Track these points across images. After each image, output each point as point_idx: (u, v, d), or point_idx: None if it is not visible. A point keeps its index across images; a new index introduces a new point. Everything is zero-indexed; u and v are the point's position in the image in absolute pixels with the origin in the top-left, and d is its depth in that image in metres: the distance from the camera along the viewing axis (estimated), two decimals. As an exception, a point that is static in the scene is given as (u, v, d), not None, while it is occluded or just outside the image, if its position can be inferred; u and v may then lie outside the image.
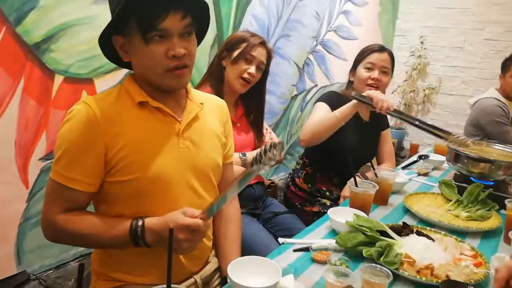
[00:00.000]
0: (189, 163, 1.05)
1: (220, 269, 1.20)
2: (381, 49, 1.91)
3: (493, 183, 1.63)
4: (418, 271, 1.02)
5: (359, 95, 1.66)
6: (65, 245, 1.53)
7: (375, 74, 1.88)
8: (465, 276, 0.99)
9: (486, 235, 1.34)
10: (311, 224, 1.37)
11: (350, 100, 1.93)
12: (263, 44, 1.68)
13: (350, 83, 2.01)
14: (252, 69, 1.63)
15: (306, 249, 1.15)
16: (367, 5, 3.70)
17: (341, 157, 1.76)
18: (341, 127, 1.73)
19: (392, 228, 1.22)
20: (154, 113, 1.02)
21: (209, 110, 1.16)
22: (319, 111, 1.86)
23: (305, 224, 1.72)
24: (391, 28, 4.29)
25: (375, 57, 1.89)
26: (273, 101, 2.85)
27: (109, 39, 0.99)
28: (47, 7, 1.50)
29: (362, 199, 1.39)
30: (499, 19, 3.77)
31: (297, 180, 2.07)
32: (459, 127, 3.89)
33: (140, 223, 0.95)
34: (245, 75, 1.63)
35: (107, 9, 0.99)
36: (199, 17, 1.00)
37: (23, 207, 1.58)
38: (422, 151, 2.46)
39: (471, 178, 1.69)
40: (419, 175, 1.99)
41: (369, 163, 1.75)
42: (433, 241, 1.18)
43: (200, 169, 1.07)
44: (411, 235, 1.20)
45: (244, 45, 1.63)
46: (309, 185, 2.02)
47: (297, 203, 2.02)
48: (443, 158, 2.13)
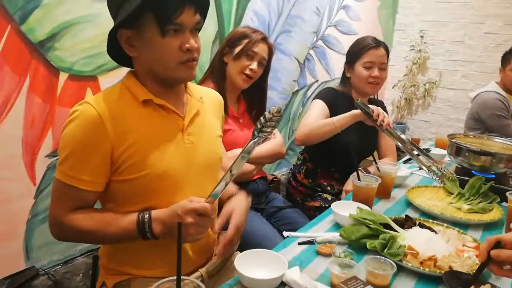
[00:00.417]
0: (194, 158, 1.07)
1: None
2: (377, 45, 1.90)
3: (494, 176, 1.65)
4: (421, 263, 1.04)
5: (364, 104, 1.65)
6: (73, 241, 1.56)
7: (375, 72, 1.88)
8: (468, 267, 1.01)
9: (487, 227, 1.36)
10: (314, 218, 1.39)
11: (347, 96, 1.95)
12: (265, 40, 1.68)
13: (347, 79, 1.99)
14: (254, 65, 1.64)
15: (310, 242, 1.17)
16: (367, -1, 3.71)
17: (342, 152, 1.78)
18: None
19: (395, 221, 1.23)
20: (157, 111, 1.03)
21: (208, 104, 1.18)
22: (315, 108, 1.87)
23: (308, 218, 1.74)
24: (390, 22, 4.29)
25: (372, 55, 1.88)
26: (274, 97, 2.86)
27: (113, 36, 0.99)
28: (51, 5, 1.52)
29: (365, 193, 1.40)
30: (499, 12, 3.77)
31: (298, 175, 2.08)
32: (459, 121, 3.90)
33: (147, 215, 0.96)
34: (247, 71, 1.65)
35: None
36: (202, 16, 1.02)
37: (31, 203, 1.60)
38: (423, 146, 2.48)
39: (473, 171, 1.71)
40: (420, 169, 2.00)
41: (370, 157, 1.76)
42: (436, 233, 1.20)
43: (204, 163, 1.10)
44: (414, 228, 1.21)
45: (245, 41, 1.64)
46: (310, 180, 2.03)
47: (298, 198, 2.04)
48: (445, 152, 2.14)
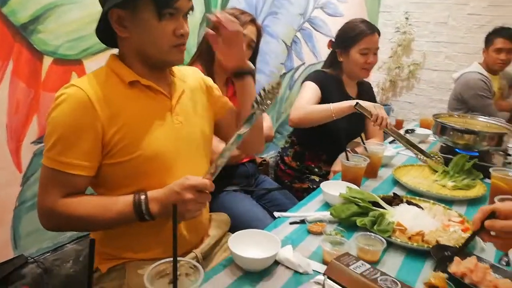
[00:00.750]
0: (184, 138, 1.08)
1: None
2: (372, 31, 1.89)
3: (477, 154, 1.69)
4: (409, 238, 1.08)
5: (362, 108, 1.65)
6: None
7: (370, 58, 1.90)
8: (454, 240, 1.05)
9: (471, 202, 1.40)
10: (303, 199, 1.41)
11: (337, 79, 1.96)
12: (253, 21, 1.67)
13: (338, 63, 1.97)
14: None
15: (301, 222, 1.20)
16: (353, -19, 3.69)
17: (331, 135, 1.79)
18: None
19: (383, 198, 1.26)
20: (144, 92, 1.03)
21: (191, 83, 1.19)
22: (308, 90, 1.88)
23: (297, 200, 1.76)
24: (376, 4, 4.28)
25: (369, 41, 1.88)
26: (262, 80, 2.84)
27: (104, 16, 0.97)
28: (33, -14, 1.47)
29: (353, 173, 1.43)
30: (483, -7, 3.80)
31: (286, 158, 2.10)
32: (443, 101, 3.96)
33: (143, 196, 0.96)
34: (236, 54, 1.63)
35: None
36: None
37: (18, 191, 1.58)
38: (407, 126, 2.52)
39: (457, 149, 1.75)
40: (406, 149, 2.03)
41: (358, 139, 1.78)
42: (423, 209, 1.23)
43: (194, 142, 1.11)
44: (402, 205, 1.25)
45: (233, 23, 1.62)
46: (298, 163, 2.05)
47: (287, 181, 2.06)
48: (429, 131, 2.19)
